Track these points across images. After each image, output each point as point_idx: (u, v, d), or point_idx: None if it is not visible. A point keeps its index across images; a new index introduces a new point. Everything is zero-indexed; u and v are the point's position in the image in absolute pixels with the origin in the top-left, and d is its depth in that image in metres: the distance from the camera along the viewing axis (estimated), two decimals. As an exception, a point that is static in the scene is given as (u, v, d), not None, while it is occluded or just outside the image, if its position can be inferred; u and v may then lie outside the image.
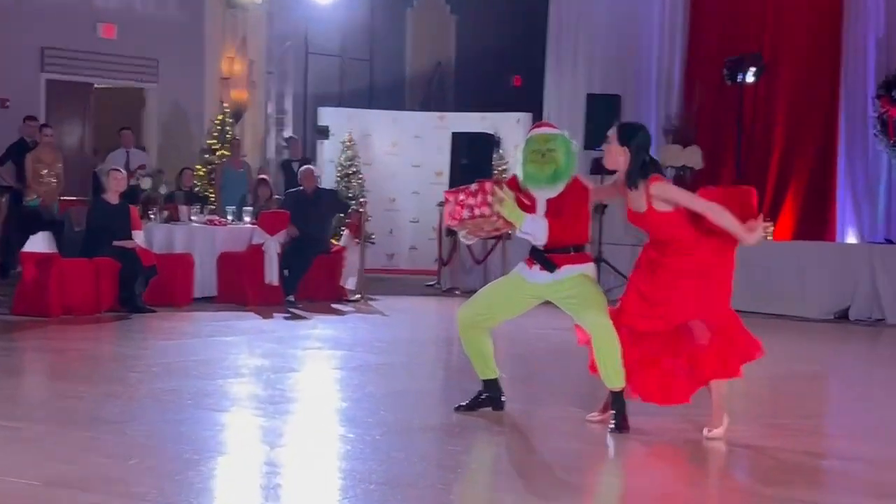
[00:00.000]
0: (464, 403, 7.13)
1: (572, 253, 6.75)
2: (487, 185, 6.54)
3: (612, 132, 6.67)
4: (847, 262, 14.22)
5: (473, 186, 6.58)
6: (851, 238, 16.23)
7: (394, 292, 16.17)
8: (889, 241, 15.05)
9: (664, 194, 6.52)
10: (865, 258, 14.11)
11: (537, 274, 6.79)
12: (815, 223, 16.56)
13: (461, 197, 6.60)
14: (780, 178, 16.94)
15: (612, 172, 6.78)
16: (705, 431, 6.59)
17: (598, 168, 14.13)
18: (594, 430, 6.76)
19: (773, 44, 17.09)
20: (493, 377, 7.11)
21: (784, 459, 6.18)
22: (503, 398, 7.16)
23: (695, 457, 6.33)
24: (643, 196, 6.53)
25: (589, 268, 6.81)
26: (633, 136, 6.62)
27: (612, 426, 6.64)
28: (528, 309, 7.00)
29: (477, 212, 6.56)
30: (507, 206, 6.54)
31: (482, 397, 7.13)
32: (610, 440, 6.52)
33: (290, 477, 5.52)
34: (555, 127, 6.91)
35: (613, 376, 6.61)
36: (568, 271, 6.73)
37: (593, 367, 6.76)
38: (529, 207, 6.69)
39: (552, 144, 6.69)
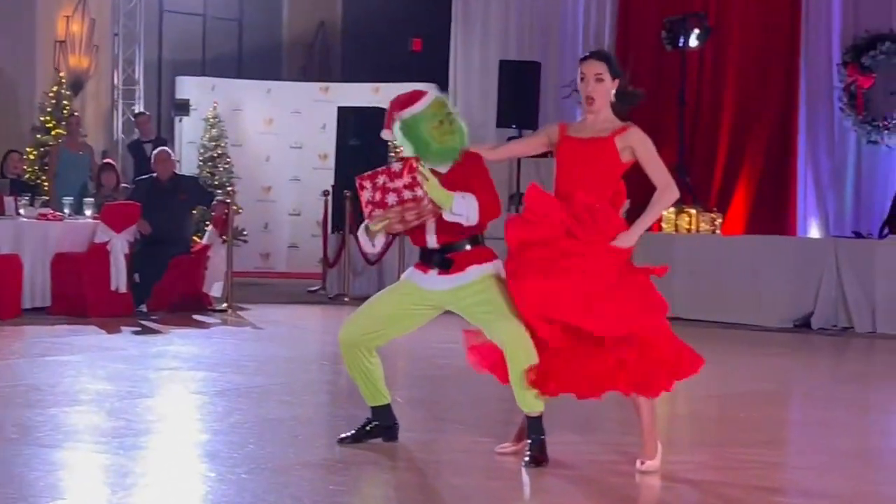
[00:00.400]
0: (349, 434, 7.08)
1: (470, 248, 6.74)
2: (413, 162, 6.49)
3: (598, 64, 6.78)
4: (809, 260, 14.41)
5: (396, 166, 6.52)
6: (814, 231, 16.46)
7: (269, 300, 16.12)
8: (858, 235, 15.29)
9: (643, 142, 6.72)
10: (830, 255, 14.31)
11: (435, 279, 6.78)
12: (772, 214, 16.78)
13: (381, 180, 6.52)
14: (731, 161, 17.12)
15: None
16: (638, 464, 6.61)
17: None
18: (506, 463, 6.75)
19: (719, 2, 17.26)
20: (383, 403, 7.08)
21: (733, 497, 6.21)
22: (396, 427, 7.14)
23: (626, 496, 6.35)
24: (610, 130, 6.68)
25: (496, 266, 6.78)
26: (616, 63, 6.84)
27: (528, 458, 6.63)
28: (426, 322, 6.98)
29: (407, 195, 6.48)
30: (432, 185, 6.51)
31: (370, 426, 7.09)
32: (525, 475, 6.52)
33: (136, 526, 5.45)
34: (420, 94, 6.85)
35: (531, 398, 6.61)
36: (474, 273, 6.72)
37: (505, 378, 6.72)
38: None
39: (448, 108, 6.72)
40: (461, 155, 6.72)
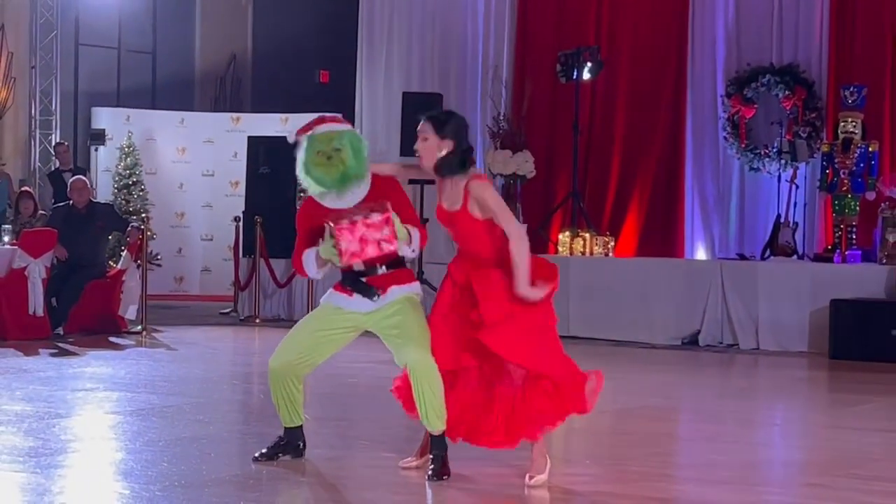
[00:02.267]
0: (263, 451, 7.06)
1: (389, 271, 6.72)
2: (391, 215, 6.44)
3: (425, 125, 6.66)
4: (696, 281, 14.55)
5: (375, 217, 6.43)
6: (701, 254, 16.59)
7: (183, 322, 16.02)
8: (742, 257, 15.44)
9: (482, 194, 6.52)
10: (716, 276, 14.45)
11: (358, 302, 6.75)
12: (661, 237, 16.87)
13: (360, 231, 6.45)
14: (622, 187, 17.21)
15: (432, 182, 6.79)
16: (527, 479, 6.64)
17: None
18: (410, 477, 6.75)
19: (611, 36, 17.37)
20: (297, 424, 7.06)
21: (622, 507, 6.26)
22: (303, 445, 7.12)
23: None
24: (460, 192, 6.56)
25: (415, 289, 6.80)
26: (448, 122, 6.67)
27: (431, 472, 6.64)
28: (347, 344, 6.96)
29: (386, 247, 6.46)
30: (398, 227, 6.53)
31: (282, 443, 7.08)
32: (428, 489, 6.52)
33: (53, 543, 5.38)
34: (340, 121, 6.82)
35: (434, 419, 6.62)
36: (393, 294, 6.71)
37: (410, 407, 6.76)
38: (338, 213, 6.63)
39: (338, 143, 6.62)
40: (370, 183, 6.67)
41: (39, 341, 13.17)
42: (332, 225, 6.47)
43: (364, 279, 6.71)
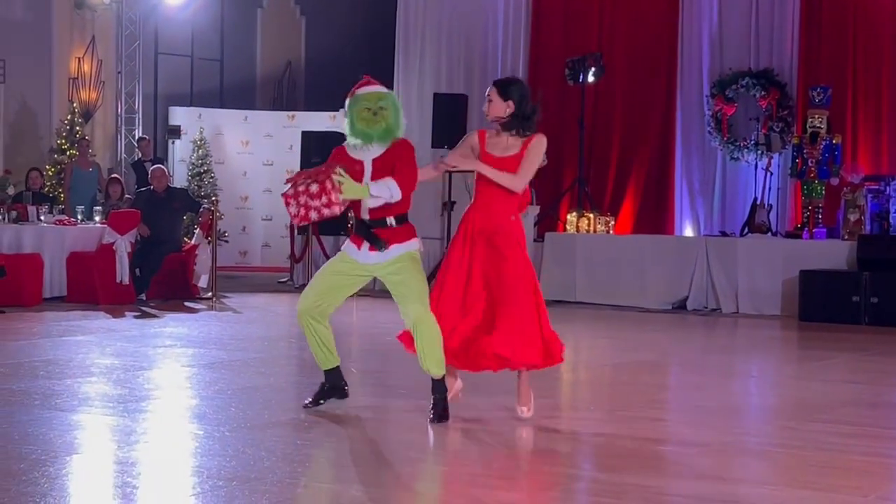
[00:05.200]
0: (310, 400, 7.04)
1: (395, 227, 6.63)
2: (328, 184, 6.39)
3: (492, 90, 6.73)
4: (684, 254, 14.52)
5: (314, 188, 6.39)
6: (689, 231, 16.54)
7: (246, 289, 16.07)
8: (724, 234, 15.40)
9: (537, 144, 6.68)
10: (701, 250, 14.43)
11: (367, 254, 6.66)
12: (654, 218, 16.83)
13: (303, 199, 6.46)
14: (620, 174, 17.17)
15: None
16: (521, 411, 6.69)
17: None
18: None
19: (611, 44, 17.31)
20: (334, 365, 6.99)
21: (621, 446, 6.25)
22: (346, 386, 7.06)
23: (538, 447, 6.37)
24: (519, 144, 6.66)
25: (414, 245, 6.68)
26: (511, 87, 6.69)
27: (432, 416, 6.63)
28: (358, 288, 6.87)
29: (326, 212, 6.42)
30: (348, 187, 6.43)
31: (326, 388, 7.03)
32: (430, 430, 6.53)
33: (138, 476, 5.41)
34: (381, 85, 6.75)
35: (433, 365, 6.60)
36: (395, 250, 6.62)
37: (411, 348, 6.71)
38: (358, 172, 6.56)
39: (384, 102, 6.56)
40: (392, 142, 6.60)
41: (125, 306, 13.23)
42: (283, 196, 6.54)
43: (373, 230, 6.64)
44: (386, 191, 6.50)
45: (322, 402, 7.01)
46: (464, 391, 6.95)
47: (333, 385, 7.03)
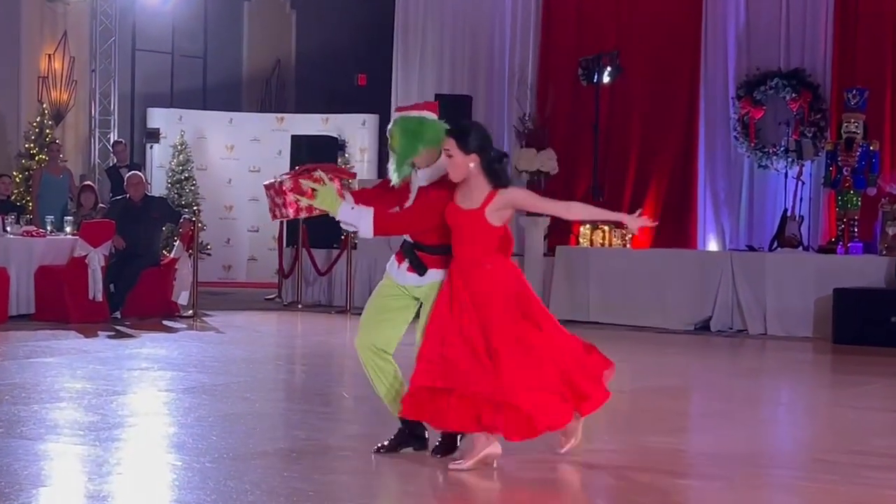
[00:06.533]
0: (384, 444, 6.73)
1: (439, 256, 6.50)
2: (290, 184, 6.43)
3: (449, 142, 6.35)
4: (708, 270, 14.51)
5: (287, 184, 6.47)
6: (712, 245, 16.53)
7: (231, 307, 16.05)
8: (751, 248, 15.39)
9: (512, 196, 6.41)
10: (726, 266, 14.42)
11: (405, 274, 6.59)
12: (675, 230, 16.79)
13: (272, 195, 6.58)
14: (638, 183, 17.16)
15: None
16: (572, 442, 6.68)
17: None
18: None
19: (629, 42, 17.29)
20: None
21: (637, 480, 6.24)
22: (425, 436, 6.72)
23: (546, 479, 6.36)
24: (483, 195, 6.35)
25: (442, 276, 6.56)
26: (469, 136, 6.36)
27: (436, 447, 6.60)
28: (411, 313, 6.68)
29: (280, 214, 6.58)
30: (326, 192, 6.39)
31: (405, 433, 6.73)
32: (430, 462, 6.51)
33: (111, 510, 5.41)
34: (413, 108, 6.61)
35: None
36: (430, 276, 6.55)
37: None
38: (404, 195, 6.53)
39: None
40: (441, 177, 6.44)
41: (98, 324, 13.22)
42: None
43: (416, 252, 6.56)
44: (355, 218, 6.43)
45: (397, 450, 6.71)
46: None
47: (412, 431, 6.72)
